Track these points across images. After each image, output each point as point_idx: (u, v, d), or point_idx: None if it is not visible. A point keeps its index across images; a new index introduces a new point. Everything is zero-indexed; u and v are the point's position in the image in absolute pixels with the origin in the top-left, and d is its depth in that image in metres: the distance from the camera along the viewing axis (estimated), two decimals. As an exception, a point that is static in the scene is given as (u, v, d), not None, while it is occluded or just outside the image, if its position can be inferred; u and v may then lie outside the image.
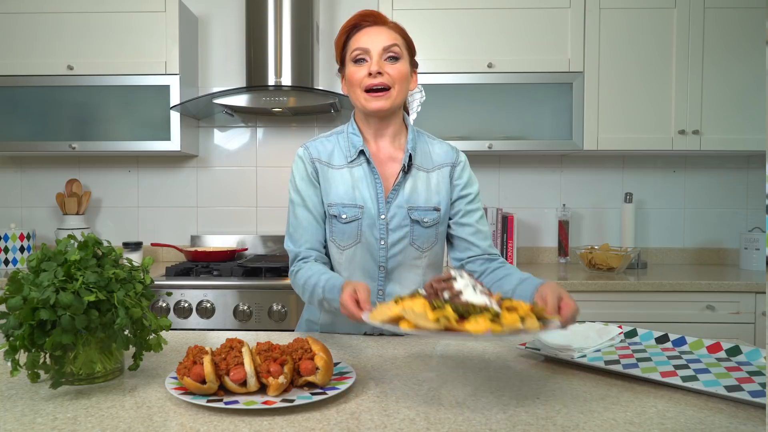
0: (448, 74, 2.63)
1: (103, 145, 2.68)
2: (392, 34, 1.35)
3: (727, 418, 0.91)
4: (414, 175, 1.40)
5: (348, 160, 1.39)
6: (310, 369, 0.99)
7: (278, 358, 0.99)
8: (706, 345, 1.24)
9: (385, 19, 1.37)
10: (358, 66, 1.34)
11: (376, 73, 1.31)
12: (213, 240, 2.97)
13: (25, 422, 0.89)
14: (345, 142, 1.42)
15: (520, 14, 2.63)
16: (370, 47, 1.32)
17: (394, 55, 1.33)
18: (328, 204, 1.38)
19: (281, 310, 2.34)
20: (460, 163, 1.44)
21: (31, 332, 0.97)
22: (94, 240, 1.07)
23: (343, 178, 1.38)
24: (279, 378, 0.96)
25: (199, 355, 0.99)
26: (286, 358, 0.99)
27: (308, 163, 1.41)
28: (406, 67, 1.36)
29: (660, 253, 2.99)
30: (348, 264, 1.39)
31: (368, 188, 1.37)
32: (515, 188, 3.02)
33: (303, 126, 3.02)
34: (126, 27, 2.65)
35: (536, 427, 0.87)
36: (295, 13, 2.67)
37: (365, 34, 1.34)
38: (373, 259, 1.38)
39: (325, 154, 1.41)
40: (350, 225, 1.36)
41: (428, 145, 1.45)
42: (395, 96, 1.34)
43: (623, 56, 2.63)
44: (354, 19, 1.37)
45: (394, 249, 1.37)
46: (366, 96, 1.34)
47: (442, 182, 1.41)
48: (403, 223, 1.37)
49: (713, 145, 2.63)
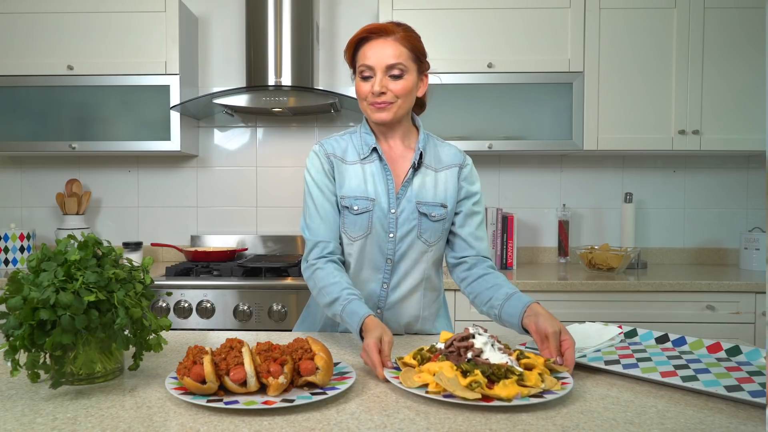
0: (448, 74, 2.62)
1: (103, 145, 2.68)
2: (398, 48, 1.36)
3: (727, 418, 0.91)
4: (423, 173, 1.45)
5: (361, 156, 1.45)
6: (310, 369, 0.99)
7: (278, 358, 0.99)
8: (706, 345, 1.24)
9: (392, 29, 1.38)
10: (364, 81, 1.39)
11: (379, 93, 1.36)
12: (213, 240, 2.97)
13: (25, 422, 0.89)
14: (359, 140, 1.47)
15: (520, 14, 2.63)
16: (373, 65, 1.36)
17: (398, 74, 1.37)
18: (341, 196, 1.42)
19: (281, 310, 2.34)
20: (467, 165, 1.50)
21: (31, 332, 0.97)
22: (94, 240, 1.07)
23: (356, 172, 1.43)
24: (279, 378, 0.96)
25: (199, 355, 0.99)
26: (286, 358, 0.99)
27: (324, 158, 1.45)
28: (411, 81, 1.39)
29: (660, 253, 2.99)
30: (357, 255, 1.43)
31: (380, 183, 1.42)
32: (515, 188, 3.02)
33: (303, 126, 3.02)
34: (126, 27, 2.65)
35: (536, 427, 0.87)
36: (295, 13, 2.67)
37: (371, 48, 1.37)
38: (381, 251, 1.42)
39: (340, 150, 1.46)
40: (361, 216, 1.41)
41: (437, 147, 1.50)
42: (397, 110, 1.39)
43: (623, 56, 2.63)
44: (361, 32, 1.39)
45: (403, 242, 1.42)
46: (370, 108, 1.40)
47: (450, 181, 1.46)
48: (412, 216, 1.41)
49: (713, 145, 2.63)
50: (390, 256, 1.42)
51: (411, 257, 1.43)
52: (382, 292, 1.44)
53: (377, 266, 1.43)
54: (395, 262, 1.42)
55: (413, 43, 1.39)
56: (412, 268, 1.43)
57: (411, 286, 1.44)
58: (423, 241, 1.42)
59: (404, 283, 1.43)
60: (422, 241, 1.42)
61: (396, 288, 1.43)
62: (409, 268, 1.43)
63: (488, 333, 1.10)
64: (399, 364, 1.09)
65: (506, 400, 0.93)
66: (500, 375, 0.97)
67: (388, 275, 1.43)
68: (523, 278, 2.45)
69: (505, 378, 0.97)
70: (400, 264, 1.42)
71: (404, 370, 1.05)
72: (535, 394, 0.96)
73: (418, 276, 1.44)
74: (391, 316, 1.45)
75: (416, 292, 1.45)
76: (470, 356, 1.03)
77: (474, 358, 1.02)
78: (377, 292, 1.44)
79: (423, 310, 1.47)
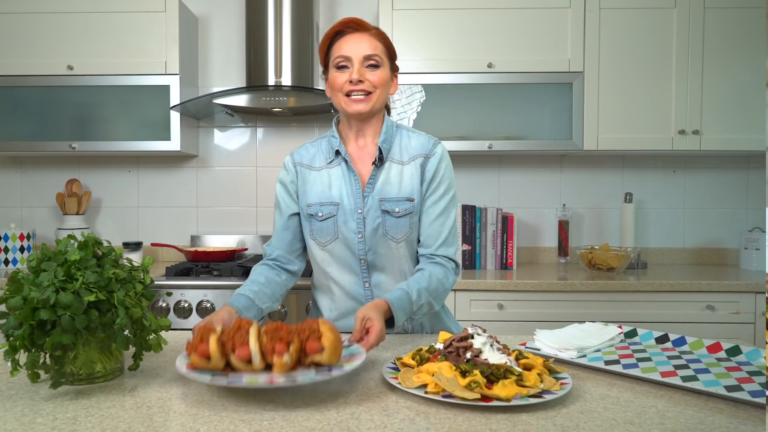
0: (448, 74, 2.63)
1: (103, 145, 2.68)
2: (373, 42, 1.41)
3: (727, 418, 0.91)
4: (387, 168, 1.45)
5: (327, 161, 1.47)
6: (316, 348, 0.99)
7: (284, 338, 0.99)
8: (706, 345, 1.24)
9: (367, 25, 1.43)
10: (340, 72, 1.41)
11: (357, 81, 1.38)
12: (213, 240, 2.97)
13: (25, 422, 0.89)
14: (326, 145, 1.50)
15: (520, 14, 2.63)
16: (351, 55, 1.39)
17: (375, 63, 1.40)
18: (307, 204, 1.46)
19: (281, 310, 2.35)
20: (434, 155, 1.45)
21: (31, 332, 0.97)
22: (94, 240, 1.07)
23: (321, 178, 1.46)
24: (284, 356, 0.95)
25: (207, 333, 1.00)
26: (293, 337, 0.99)
27: (290, 169, 1.51)
28: (387, 74, 1.43)
29: (660, 253, 2.99)
30: (330, 259, 1.45)
31: (345, 185, 1.44)
32: (515, 188, 3.02)
33: (303, 126, 3.02)
34: (126, 27, 2.66)
35: (536, 427, 0.87)
36: (295, 13, 2.67)
37: (347, 41, 1.40)
38: (353, 253, 1.43)
39: (308, 158, 1.50)
40: (326, 222, 1.43)
41: (406, 139, 1.49)
42: (375, 100, 1.41)
43: (623, 56, 2.63)
44: (337, 26, 1.42)
45: (372, 241, 1.43)
46: (346, 100, 1.40)
47: (415, 173, 1.44)
48: (376, 214, 1.42)
49: (713, 145, 2.63)
50: (363, 257, 1.43)
51: (383, 254, 1.43)
52: (366, 292, 1.45)
53: (353, 268, 1.44)
54: (369, 261, 1.43)
55: (387, 40, 1.44)
56: (387, 265, 1.44)
57: (392, 283, 1.44)
58: (389, 237, 1.42)
59: (385, 281, 1.44)
60: (389, 238, 1.42)
61: (378, 286, 1.44)
62: (384, 265, 1.44)
63: (487, 333, 1.10)
64: (398, 364, 1.09)
65: (505, 400, 0.93)
66: (499, 375, 0.98)
67: (367, 274, 1.44)
68: (523, 278, 2.45)
69: (504, 378, 0.97)
70: (374, 262, 1.43)
71: (403, 370, 1.05)
72: (534, 394, 0.96)
73: (396, 272, 1.45)
74: None
75: None
76: (469, 356, 1.03)
77: (473, 358, 1.03)
78: (362, 292, 1.45)
79: None
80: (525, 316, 2.39)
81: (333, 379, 1.04)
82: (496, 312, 2.40)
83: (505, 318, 2.39)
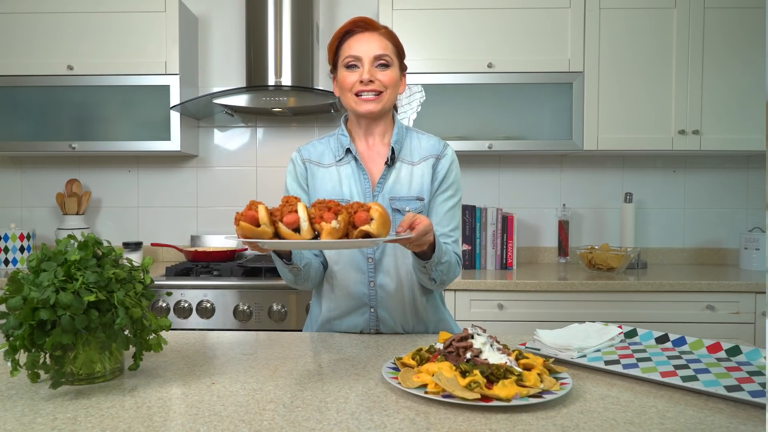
0: (448, 74, 2.63)
1: (103, 145, 2.68)
2: (383, 41, 1.41)
3: (727, 418, 0.91)
4: (398, 168, 1.45)
5: (336, 159, 1.46)
6: (365, 218, 0.99)
7: (333, 208, 0.99)
8: (706, 345, 1.24)
9: (377, 25, 1.43)
10: (350, 71, 1.41)
11: (368, 81, 1.38)
12: (213, 240, 2.97)
13: (25, 422, 0.89)
14: (335, 143, 1.49)
15: (520, 14, 2.63)
16: (361, 55, 1.39)
17: (385, 63, 1.40)
18: None
19: (281, 310, 2.34)
20: (445, 156, 1.47)
21: (31, 332, 0.97)
22: (94, 240, 1.07)
23: (330, 176, 1.46)
24: (332, 222, 0.96)
25: (255, 204, 1.01)
26: (341, 209, 1.00)
27: (299, 164, 1.50)
28: (396, 73, 1.43)
29: (660, 253, 2.99)
30: (338, 258, 1.45)
31: (355, 184, 1.44)
32: (515, 188, 3.02)
33: (303, 126, 3.02)
34: (126, 27, 2.66)
35: (536, 427, 0.87)
36: (295, 13, 2.67)
37: (357, 41, 1.40)
38: (362, 251, 1.43)
39: (316, 155, 1.49)
40: None
41: (416, 140, 1.49)
42: (386, 100, 1.41)
43: (623, 56, 2.63)
44: (347, 25, 1.42)
45: None
46: (356, 99, 1.40)
47: (426, 173, 1.45)
48: None
49: (713, 145, 2.63)
50: (371, 255, 1.43)
51: (392, 253, 1.43)
52: (371, 291, 1.44)
53: (360, 267, 1.44)
54: (377, 261, 1.43)
55: (396, 40, 1.44)
56: (395, 265, 1.43)
57: (398, 282, 1.44)
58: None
59: (391, 281, 1.43)
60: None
61: (383, 286, 1.43)
62: (391, 264, 1.43)
63: (487, 333, 1.10)
64: (398, 364, 1.09)
65: (505, 400, 0.93)
66: (499, 375, 0.98)
67: (373, 274, 1.43)
68: (523, 278, 2.45)
69: (504, 378, 0.97)
70: (382, 261, 1.43)
71: (403, 370, 1.05)
72: (534, 394, 0.96)
73: (403, 272, 1.44)
74: (385, 315, 1.45)
75: (405, 288, 1.44)
76: (469, 356, 1.03)
77: (473, 358, 1.03)
78: (366, 292, 1.44)
79: (417, 307, 1.47)
80: (525, 316, 2.39)
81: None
82: (496, 312, 2.40)
83: (505, 318, 2.39)
